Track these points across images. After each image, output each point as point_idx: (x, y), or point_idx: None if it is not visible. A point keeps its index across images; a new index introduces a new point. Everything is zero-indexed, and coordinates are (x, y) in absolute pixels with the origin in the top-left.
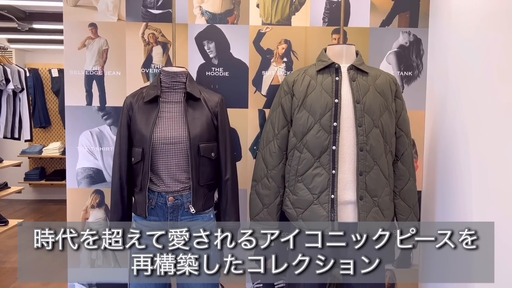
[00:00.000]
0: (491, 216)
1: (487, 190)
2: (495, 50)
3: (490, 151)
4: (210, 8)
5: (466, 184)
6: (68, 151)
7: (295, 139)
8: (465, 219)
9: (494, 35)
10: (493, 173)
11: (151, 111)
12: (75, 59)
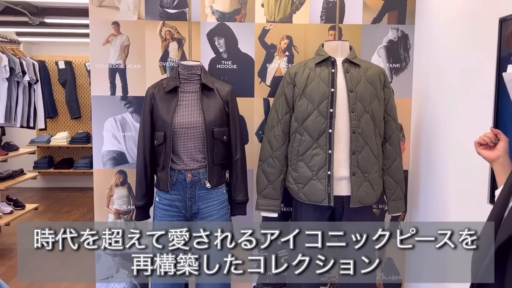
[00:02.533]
0: (465, 186)
1: (462, 166)
2: (465, 45)
3: (465, 133)
4: (220, 7)
5: (445, 162)
6: (95, 136)
7: (296, 123)
8: (443, 192)
9: (463, 32)
10: (467, 152)
11: (171, 100)
12: (100, 53)
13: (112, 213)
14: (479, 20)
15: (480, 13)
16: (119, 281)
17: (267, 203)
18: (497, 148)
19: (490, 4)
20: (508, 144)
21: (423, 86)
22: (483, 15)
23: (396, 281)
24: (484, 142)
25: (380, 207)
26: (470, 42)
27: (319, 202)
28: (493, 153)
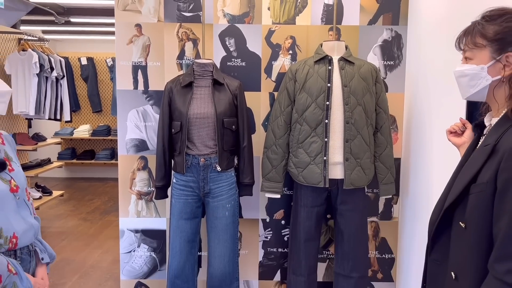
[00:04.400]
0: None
1: (448, 154)
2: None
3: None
4: (231, 11)
5: (433, 151)
6: (120, 125)
7: (296, 115)
8: (431, 177)
9: (450, 32)
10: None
11: (187, 93)
12: (124, 52)
13: (135, 194)
14: (464, 21)
15: (465, 15)
16: (140, 254)
17: (271, 185)
18: (464, 135)
19: (474, 7)
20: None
21: (415, 82)
22: (467, 18)
23: (389, 259)
24: (453, 130)
25: (374, 192)
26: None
27: (316, 184)
28: (460, 139)
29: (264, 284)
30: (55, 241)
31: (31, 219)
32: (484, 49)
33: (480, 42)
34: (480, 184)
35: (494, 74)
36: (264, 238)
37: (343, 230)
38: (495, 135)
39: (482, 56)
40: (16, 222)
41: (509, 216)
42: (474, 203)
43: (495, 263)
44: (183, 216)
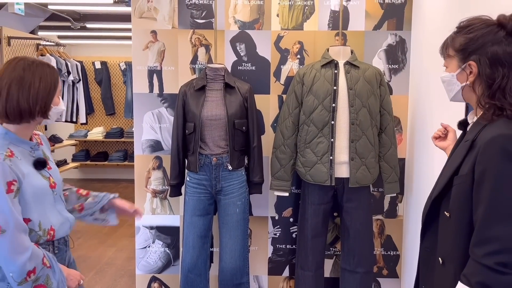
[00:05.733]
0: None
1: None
2: None
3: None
4: (241, 17)
5: (437, 151)
6: (136, 126)
7: (304, 116)
8: (434, 177)
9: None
10: None
11: (200, 96)
12: (140, 57)
13: (150, 192)
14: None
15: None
16: (154, 250)
17: (280, 184)
18: (447, 138)
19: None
20: (455, 133)
21: (418, 84)
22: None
23: (394, 256)
24: (438, 136)
25: (380, 190)
26: None
27: (323, 183)
28: (445, 142)
29: (273, 279)
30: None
31: (66, 213)
32: (453, 58)
33: (450, 53)
34: (461, 176)
35: (462, 81)
36: (273, 235)
37: (349, 227)
38: (474, 131)
39: (453, 64)
40: (53, 216)
41: (485, 204)
42: (456, 193)
43: (474, 247)
44: (196, 212)
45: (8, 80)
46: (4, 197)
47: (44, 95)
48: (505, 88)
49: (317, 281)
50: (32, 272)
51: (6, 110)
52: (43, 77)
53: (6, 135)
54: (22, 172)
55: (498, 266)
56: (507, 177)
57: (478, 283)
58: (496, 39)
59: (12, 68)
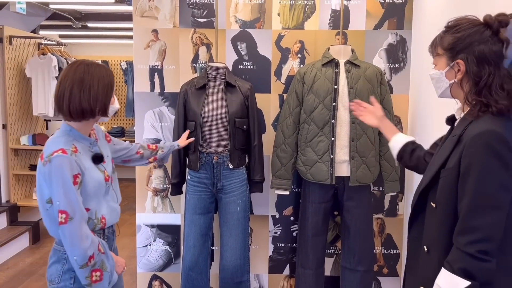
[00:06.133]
0: None
1: None
2: None
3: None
4: (242, 16)
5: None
6: (137, 125)
7: (305, 115)
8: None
9: None
10: None
11: (201, 95)
12: (142, 56)
13: (151, 191)
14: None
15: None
16: (155, 248)
17: (280, 182)
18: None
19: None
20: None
21: (419, 84)
22: None
23: (395, 254)
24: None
25: (380, 189)
26: None
27: (323, 181)
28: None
29: (274, 277)
30: None
31: (114, 203)
32: (442, 56)
33: (438, 51)
34: (447, 169)
35: (451, 78)
36: (274, 233)
37: (349, 225)
38: (461, 127)
39: (441, 63)
40: (104, 206)
41: (469, 196)
42: (442, 185)
43: (458, 236)
44: (197, 211)
45: (70, 82)
46: (72, 188)
47: (103, 96)
48: (491, 85)
49: (317, 280)
50: (92, 258)
51: (70, 110)
52: (101, 79)
53: (70, 132)
54: (84, 166)
55: (480, 254)
56: (490, 171)
57: (460, 269)
58: (483, 39)
59: (73, 71)
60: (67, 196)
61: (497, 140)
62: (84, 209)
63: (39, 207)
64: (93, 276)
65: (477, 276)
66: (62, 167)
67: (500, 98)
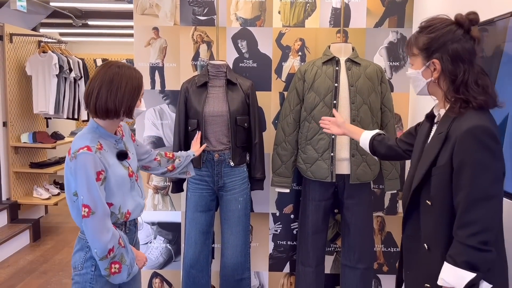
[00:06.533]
0: None
1: None
2: None
3: None
4: (243, 14)
5: None
6: (137, 123)
7: (305, 113)
8: None
9: None
10: None
11: (202, 93)
12: (142, 54)
13: (151, 188)
14: None
15: None
16: (156, 246)
17: (281, 180)
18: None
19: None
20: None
21: None
22: None
23: (395, 252)
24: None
25: (380, 187)
26: None
27: (324, 179)
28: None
29: (274, 275)
30: (72, 235)
31: (139, 198)
32: (418, 56)
33: (414, 52)
34: (439, 166)
35: (427, 77)
36: (274, 231)
37: (349, 223)
38: (446, 124)
39: (417, 62)
40: (129, 201)
41: (465, 190)
42: (436, 183)
43: (458, 230)
44: (198, 208)
45: (100, 81)
46: (94, 184)
47: (129, 98)
48: (467, 82)
49: (317, 277)
50: (111, 250)
51: (96, 108)
52: (129, 82)
53: (96, 129)
54: (108, 162)
55: (481, 244)
56: (483, 165)
57: (464, 262)
58: (456, 37)
59: (104, 71)
60: (90, 192)
61: (486, 134)
62: (106, 204)
63: (67, 198)
64: (112, 268)
65: (480, 267)
66: (86, 164)
67: (477, 94)
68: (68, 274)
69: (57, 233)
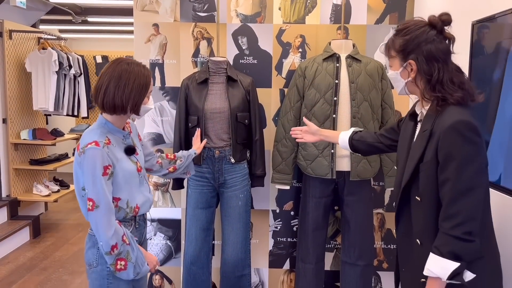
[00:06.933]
0: None
1: None
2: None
3: None
4: (243, 11)
5: None
6: (138, 120)
7: (305, 110)
8: None
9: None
10: None
11: (203, 89)
12: (142, 50)
13: (151, 185)
14: (467, 21)
15: (468, 15)
16: (156, 243)
17: (281, 177)
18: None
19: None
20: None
21: None
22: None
23: (394, 249)
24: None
25: (380, 184)
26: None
27: (324, 176)
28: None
29: (274, 272)
30: (72, 232)
31: (148, 193)
32: (396, 58)
33: (392, 54)
34: (426, 162)
35: (405, 77)
36: (274, 228)
37: (350, 220)
38: (429, 121)
39: (396, 64)
40: (138, 196)
41: (449, 183)
42: (424, 178)
43: (442, 221)
44: (199, 205)
45: (109, 77)
46: (100, 179)
47: (136, 95)
48: (443, 80)
49: (317, 274)
50: (115, 247)
51: (103, 103)
52: (137, 79)
53: (105, 124)
54: (116, 157)
55: (465, 235)
56: (466, 158)
57: (449, 252)
58: (429, 38)
59: (113, 67)
60: (95, 186)
61: (468, 129)
62: (113, 199)
63: (76, 193)
64: (118, 264)
65: (464, 256)
66: (94, 159)
67: (453, 91)
68: (68, 270)
69: (57, 230)
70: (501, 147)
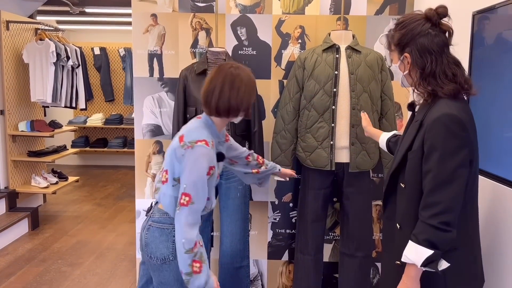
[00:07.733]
0: None
1: None
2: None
3: None
4: (242, 1)
5: None
6: (136, 111)
7: (305, 101)
8: None
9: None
10: None
11: (201, 81)
12: (141, 41)
13: (150, 177)
14: (467, 12)
15: (469, 6)
16: None
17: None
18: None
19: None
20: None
21: None
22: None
23: None
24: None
25: (379, 176)
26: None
27: (323, 167)
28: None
29: (273, 263)
30: (71, 224)
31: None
32: (395, 52)
33: (392, 48)
34: (413, 151)
35: (403, 70)
36: (273, 219)
37: (348, 211)
38: (421, 113)
39: (395, 57)
40: (213, 198)
41: (431, 174)
42: (409, 166)
43: (422, 210)
44: None
45: (222, 80)
46: (204, 178)
47: (248, 97)
48: (435, 72)
49: (316, 265)
50: (198, 243)
51: (218, 105)
52: (247, 82)
53: (211, 126)
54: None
55: (442, 225)
56: (449, 150)
57: (425, 240)
58: (423, 31)
59: (225, 71)
60: (196, 183)
61: (453, 122)
62: (205, 199)
63: (165, 179)
64: (194, 266)
65: (439, 245)
66: (203, 157)
67: (444, 84)
68: (67, 262)
69: (56, 221)
70: None
